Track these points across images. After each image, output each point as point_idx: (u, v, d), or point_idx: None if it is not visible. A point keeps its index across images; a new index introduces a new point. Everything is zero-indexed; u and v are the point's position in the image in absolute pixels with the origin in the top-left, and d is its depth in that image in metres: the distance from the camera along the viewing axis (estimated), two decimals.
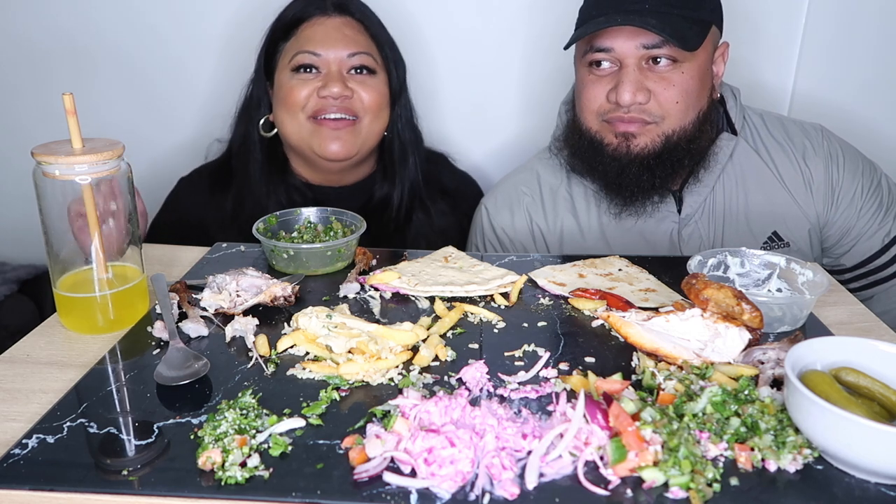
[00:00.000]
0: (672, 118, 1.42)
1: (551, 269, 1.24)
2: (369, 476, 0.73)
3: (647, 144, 1.44)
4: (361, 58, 1.61)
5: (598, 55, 1.43)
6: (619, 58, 1.41)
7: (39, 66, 2.15)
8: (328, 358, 0.95)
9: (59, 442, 0.79)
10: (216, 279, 1.12)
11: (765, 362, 0.92)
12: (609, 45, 1.40)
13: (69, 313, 1.07)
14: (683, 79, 1.40)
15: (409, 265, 1.24)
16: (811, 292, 1.08)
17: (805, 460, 0.76)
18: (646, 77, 1.40)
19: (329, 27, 1.61)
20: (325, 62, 1.60)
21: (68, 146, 1.02)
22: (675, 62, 1.40)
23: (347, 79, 1.61)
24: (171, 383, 0.89)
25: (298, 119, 1.61)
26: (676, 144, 1.44)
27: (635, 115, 1.41)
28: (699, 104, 1.45)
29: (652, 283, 1.21)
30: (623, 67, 1.41)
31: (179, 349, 0.96)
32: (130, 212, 1.08)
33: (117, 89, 2.13)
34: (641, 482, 0.73)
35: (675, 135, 1.43)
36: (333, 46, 1.59)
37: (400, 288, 1.16)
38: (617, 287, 1.17)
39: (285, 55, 1.64)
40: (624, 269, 1.25)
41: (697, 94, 1.43)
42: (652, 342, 0.95)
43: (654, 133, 1.43)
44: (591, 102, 1.46)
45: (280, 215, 1.36)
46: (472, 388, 0.89)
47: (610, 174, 1.48)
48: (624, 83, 1.39)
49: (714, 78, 1.50)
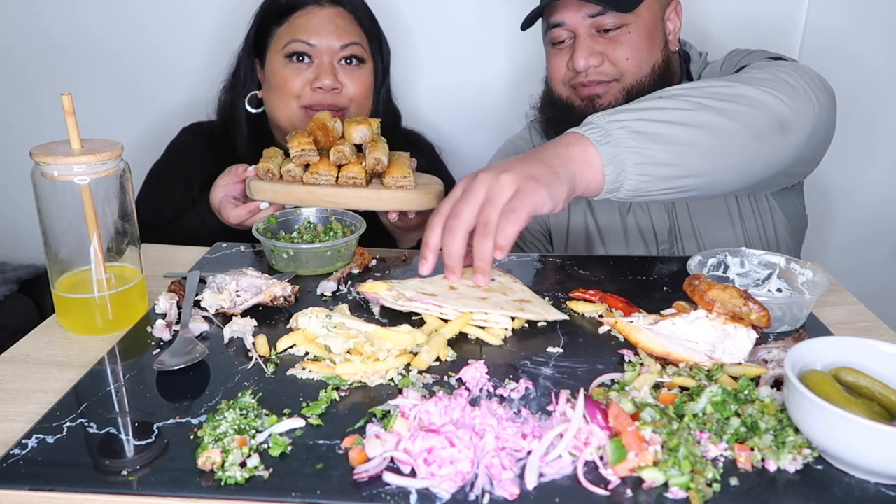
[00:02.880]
0: (628, 74, 1.55)
1: (419, 281, 1.11)
2: (369, 476, 0.73)
3: (610, 101, 1.57)
4: (352, 48, 1.69)
5: (555, 31, 1.59)
6: (571, 29, 1.56)
7: (39, 65, 2.15)
8: (327, 358, 0.95)
9: (58, 442, 0.79)
10: (216, 279, 1.12)
11: (769, 361, 0.92)
12: (560, 19, 1.56)
13: (68, 314, 1.07)
14: (631, 38, 1.54)
15: (420, 283, 1.11)
16: (811, 292, 1.08)
17: (805, 460, 0.76)
18: (596, 42, 1.55)
19: (322, 17, 1.68)
20: (317, 52, 1.66)
21: (67, 146, 1.02)
22: (621, 26, 1.53)
23: (338, 70, 1.68)
24: (171, 368, 0.91)
25: (291, 107, 1.68)
26: (637, 96, 1.53)
27: (593, 77, 1.56)
28: (651, 58, 1.57)
29: (527, 293, 1.12)
30: (576, 38, 1.56)
31: (187, 339, 0.99)
32: (129, 212, 1.08)
33: (105, 88, 2.14)
34: (641, 482, 0.73)
35: (634, 89, 1.56)
36: (326, 37, 1.66)
37: (382, 299, 1.09)
38: (490, 297, 1.07)
39: (278, 39, 1.69)
40: (497, 278, 1.15)
41: (648, 49, 1.56)
42: (663, 347, 0.95)
43: (616, 89, 1.57)
44: (556, 73, 1.63)
45: (280, 215, 1.36)
46: (472, 389, 0.89)
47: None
48: (577, 51, 1.55)
49: (669, 34, 1.62)
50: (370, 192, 1.42)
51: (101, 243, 1.05)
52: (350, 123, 1.48)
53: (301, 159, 1.44)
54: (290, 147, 1.45)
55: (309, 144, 1.44)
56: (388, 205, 1.43)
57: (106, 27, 2.11)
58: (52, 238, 1.05)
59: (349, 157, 1.44)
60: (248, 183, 1.47)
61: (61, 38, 2.12)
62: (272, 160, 1.47)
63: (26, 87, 2.18)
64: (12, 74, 2.18)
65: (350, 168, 1.44)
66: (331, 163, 1.44)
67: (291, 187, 1.43)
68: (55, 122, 1.05)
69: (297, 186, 1.43)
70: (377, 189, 1.43)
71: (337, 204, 1.41)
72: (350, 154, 1.45)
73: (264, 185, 1.45)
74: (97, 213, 1.03)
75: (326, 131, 1.46)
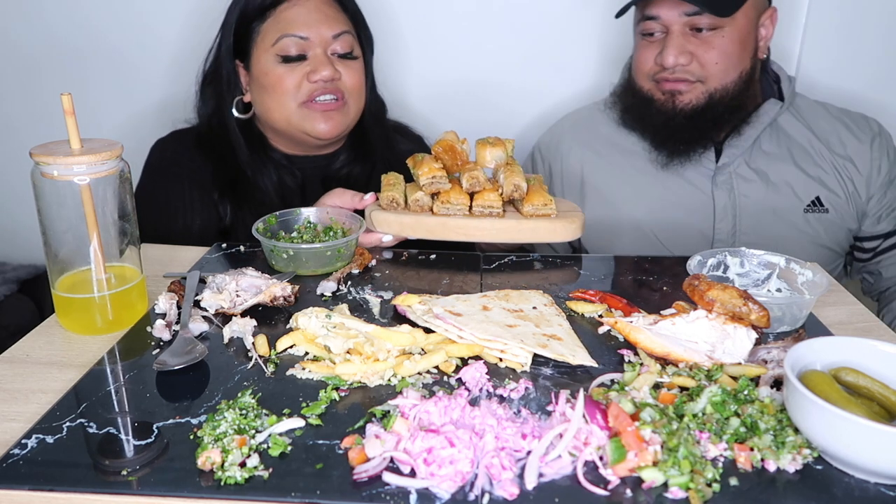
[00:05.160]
0: (714, 78, 1.58)
1: (455, 298, 1.09)
2: (369, 476, 0.73)
3: (691, 100, 1.60)
4: (345, 37, 1.60)
5: (648, 24, 1.61)
6: (665, 24, 1.58)
7: (40, 64, 2.15)
8: (327, 358, 0.95)
9: (58, 442, 0.79)
10: (216, 279, 1.12)
11: (769, 361, 0.92)
12: (656, 13, 1.59)
13: (68, 314, 1.07)
14: (724, 42, 1.56)
15: (455, 300, 1.08)
16: (811, 292, 1.08)
17: (804, 460, 0.76)
18: (688, 41, 1.57)
19: (310, 8, 1.59)
20: (311, 45, 1.58)
21: (66, 146, 1.01)
22: (715, 27, 1.55)
23: (333, 60, 1.60)
24: (171, 368, 0.91)
25: (287, 106, 1.59)
26: (719, 101, 1.60)
27: (679, 75, 1.59)
28: (741, 65, 1.60)
29: (563, 329, 1.02)
30: (669, 34, 1.58)
31: (187, 339, 0.98)
32: (129, 212, 1.08)
33: (110, 87, 2.14)
34: (641, 482, 0.73)
35: (718, 93, 1.59)
36: (317, 27, 1.57)
37: (410, 313, 1.06)
38: (519, 326, 1.00)
39: (263, 37, 1.59)
40: (540, 307, 1.09)
41: (738, 55, 1.58)
42: (662, 347, 0.95)
43: (699, 91, 1.60)
44: (643, 65, 1.65)
45: (280, 215, 1.36)
46: (472, 389, 0.89)
47: (657, 125, 1.66)
48: (668, 47, 1.57)
49: (760, 40, 1.64)
50: (510, 224, 1.30)
51: (101, 243, 1.04)
52: (483, 145, 1.36)
53: (432, 187, 1.32)
54: (419, 174, 1.33)
55: (440, 171, 1.32)
56: (528, 237, 1.30)
57: (112, 26, 2.09)
58: (52, 238, 1.05)
59: (484, 185, 1.32)
60: (370, 214, 1.34)
61: (68, 37, 2.11)
62: (395, 188, 1.35)
63: (26, 87, 2.18)
64: (12, 75, 2.17)
65: (484, 196, 1.31)
66: (462, 190, 1.33)
67: (421, 219, 1.31)
68: (57, 121, 1.04)
69: (428, 218, 1.32)
70: (517, 219, 1.31)
71: (471, 237, 1.29)
72: (485, 181, 1.32)
73: (390, 217, 1.32)
74: (97, 213, 1.03)
75: (454, 154, 1.35)
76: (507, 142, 1.39)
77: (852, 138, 1.67)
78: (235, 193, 1.63)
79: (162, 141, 1.73)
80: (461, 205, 1.32)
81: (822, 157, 1.66)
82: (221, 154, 1.66)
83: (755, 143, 1.66)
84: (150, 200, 1.63)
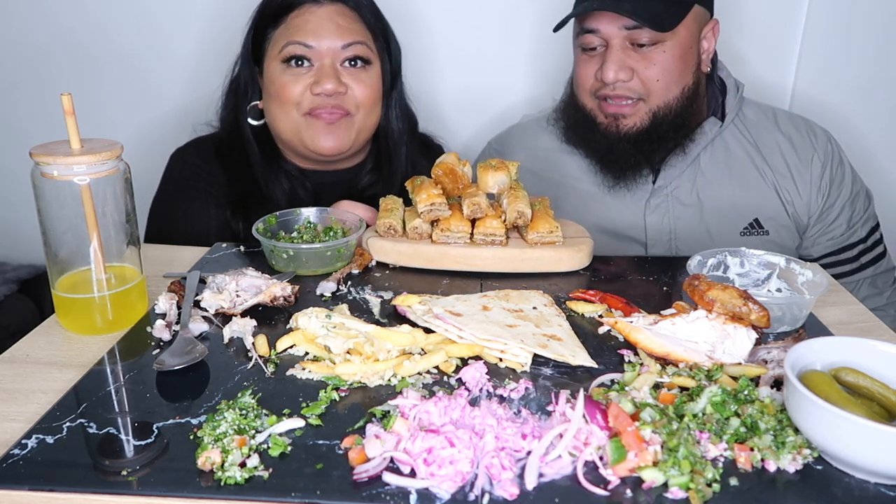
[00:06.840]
0: (656, 95, 1.52)
1: (455, 298, 1.09)
2: (369, 476, 0.73)
3: (635, 124, 1.54)
4: (356, 48, 1.53)
5: (587, 37, 1.54)
6: (605, 38, 1.51)
7: (40, 64, 2.15)
8: (327, 358, 0.95)
9: (58, 442, 0.79)
10: (216, 279, 1.12)
11: (769, 361, 0.92)
12: (595, 26, 1.52)
13: (68, 314, 1.07)
14: (664, 57, 1.50)
15: (455, 300, 1.09)
16: (811, 292, 1.08)
17: (805, 460, 0.76)
18: (629, 56, 1.51)
19: (321, 16, 1.53)
20: (317, 54, 1.52)
21: (67, 146, 1.01)
22: (656, 42, 1.49)
23: (341, 72, 1.54)
24: (171, 368, 0.91)
25: (291, 116, 1.55)
26: (663, 119, 1.54)
27: (620, 91, 1.52)
28: (683, 80, 1.54)
29: (562, 330, 1.02)
30: (609, 48, 1.51)
31: (187, 339, 0.98)
32: (129, 212, 1.08)
33: (119, 88, 2.13)
34: (641, 482, 0.73)
35: (661, 111, 1.53)
36: (326, 37, 1.51)
37: (410, 314, 1.07)
38: (519, 326, 1.00)
39: (275, 44, 1.55)
40: (540, 307, 1.09)
41: (680, 71, 1.52)
42: (662, 347, 0.95)
43: (643, 111, 1.53)
44: (584, 80, 1.58)
45: (280, 215, 1.36)
46: (472, 389, 0.89)
47: (601, 150, 1.61)
48: (608, 62, 1.50)
49: (703, 53, 1.58)
50: (513, 253, 1.25)
51: (101, 243, 1.04)
52: (485, 169, 1.31)
53: (430, 215, 1.27)
54: (417, 200, 1.28)
55: (439, 197, 1.26)
56: (532, 266, 1.26)
57: (123, 27, 2.09)
58: (52, 238, 1.05)
59: (486, 211, 1.27)
60: (367, 242, 1.31)
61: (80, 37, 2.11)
62: (393, 214, 1.30)
63: (39, 89, 2.18)
64: (12, 74, 2.17)
65: (486, 223, 1.26)
66: (463, 217, 1.28)
67: (419, 247, 1.26)
68: (57, 121, 1.04)
69: (426, 246, 1.26)
70: (521, 248, 1.26)
71: (472, 266, 1.25)
72: (486, 207, 1.27)
73: (386, 245, 1.28)
74: (97, 213, 1.03)
75: (455, 177, 1.29)
76: (510, 164, 1.33)
77: (794, 156, 1.61)
78: (247, 208, 1.60)
79: (181, 151, 1.71)
80: (462, 232, 1.27)
81: (765, 176, 1.60)
82: (237, 163, 1.63)
83: (694, 162, 1.60)
84: (167, 213, 1.64)
